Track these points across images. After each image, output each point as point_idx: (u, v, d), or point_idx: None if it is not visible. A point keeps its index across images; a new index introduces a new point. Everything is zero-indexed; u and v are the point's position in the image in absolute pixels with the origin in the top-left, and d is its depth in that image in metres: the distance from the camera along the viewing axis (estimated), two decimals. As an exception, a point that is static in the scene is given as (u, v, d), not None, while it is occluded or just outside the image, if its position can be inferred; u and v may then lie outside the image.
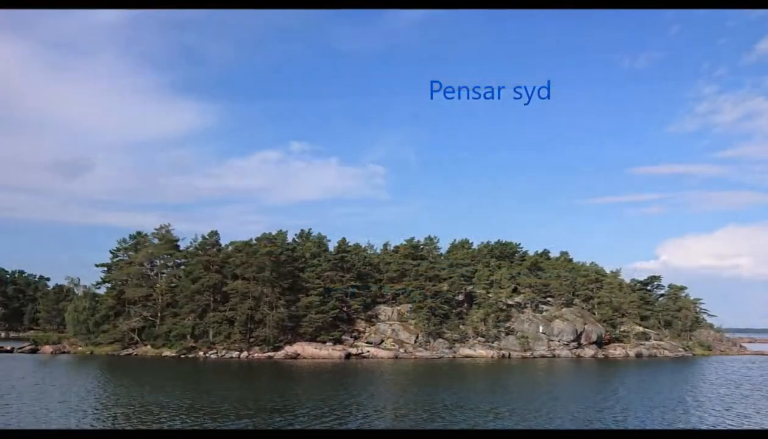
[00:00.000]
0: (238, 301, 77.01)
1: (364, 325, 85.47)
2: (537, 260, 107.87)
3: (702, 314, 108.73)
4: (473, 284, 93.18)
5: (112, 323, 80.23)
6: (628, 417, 32.65)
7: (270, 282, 77.13)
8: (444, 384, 47.72)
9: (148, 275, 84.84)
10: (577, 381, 53.84)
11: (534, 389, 45.63)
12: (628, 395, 42.74)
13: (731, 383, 52.43)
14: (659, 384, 50.43)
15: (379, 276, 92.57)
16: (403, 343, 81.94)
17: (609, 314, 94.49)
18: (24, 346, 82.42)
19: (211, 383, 46.59)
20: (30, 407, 32.72)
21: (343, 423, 29.58)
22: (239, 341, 75.49)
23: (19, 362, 63.99)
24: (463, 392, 43.02)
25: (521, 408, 35.23)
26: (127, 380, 47.31)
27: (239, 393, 40.58)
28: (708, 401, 40.22)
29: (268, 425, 28.84)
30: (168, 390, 40.82)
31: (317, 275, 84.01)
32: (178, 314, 78.85)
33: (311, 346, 75.84)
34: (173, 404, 34.30)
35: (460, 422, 30.03)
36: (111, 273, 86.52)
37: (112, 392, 40.09)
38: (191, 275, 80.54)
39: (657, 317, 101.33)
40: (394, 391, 43.77)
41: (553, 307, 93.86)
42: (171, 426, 27.96)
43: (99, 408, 33.29)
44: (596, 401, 39.23)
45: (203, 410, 32.59)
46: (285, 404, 35.49)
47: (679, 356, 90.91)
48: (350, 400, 37.54)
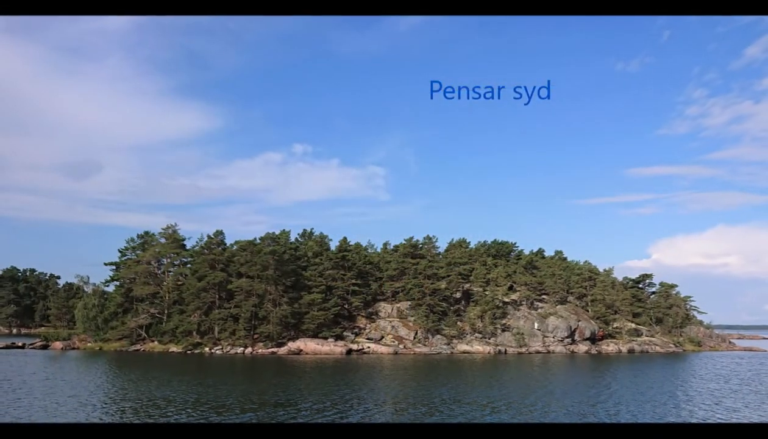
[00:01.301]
0: (242, 298, 77.02)
1: (364, 322, 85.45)
2: (532, 258, 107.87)
3: (692, 311, 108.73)
4: (470, 282, 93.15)
5: (121, 320, 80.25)
6: (621, 411, 32.63)
7: (273, 280, 77.13)
8: (442, 379, 47.68)
9: (155, 274, 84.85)
10: (571, 376, 53.78)
11: (529, 384, 45.59)
12: (620, 389, 42.71)
13: (720, 378, 52.39)
14: (651, 379, 50.39)
15: (379, 274, 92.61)
16: (402, 339, 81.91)
17: (602, 311, 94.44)
18: (35, 342, 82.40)
19: (216, 378, 46.54)
20: (41, 402, 32.71)
21: (345, 417, 29.57)
22: (244, 337, 75.49)
23: (31, 357, 63.97)
24: (461, 386, 42.99)
25: (517, 402, 35.22)
26: (135, 375, 47.28)
27: (244, 388, 40.56)
28: (698, 396, 40.19)
29: (272, 418, 28.83)
30: (175, 385, 40.82)
31: (319, 274, 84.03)
32: (185, 311, 78.83)
33: (313, 342, 75.81)
34: (180, 399, 34.30)
35: (458, 416, 30.01)
36: (119, 271, 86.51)
37: (121, 387, 40.07)
38: (197, 273, 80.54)
39: (648, 314, 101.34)
40: (394, 386, 43.73)
41: (547, 304, 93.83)
42: (177, 420, 27.96)
43: (108, 402, 33.27)
44: (590, 395, 39.21)
45: (209, 404, 32.57)
46: (288, 398, 35.48)
47: (669, 352, 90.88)
48: (351, 394, 37.53)
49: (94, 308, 79.80)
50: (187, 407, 31.58)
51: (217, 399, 34.40)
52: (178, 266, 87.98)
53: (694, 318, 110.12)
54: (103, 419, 28.51)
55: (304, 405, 32.89)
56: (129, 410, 30.81)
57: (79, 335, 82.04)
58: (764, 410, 34.64)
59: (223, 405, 32.25)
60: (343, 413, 30.58)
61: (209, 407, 31.66)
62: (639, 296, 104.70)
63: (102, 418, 28.64)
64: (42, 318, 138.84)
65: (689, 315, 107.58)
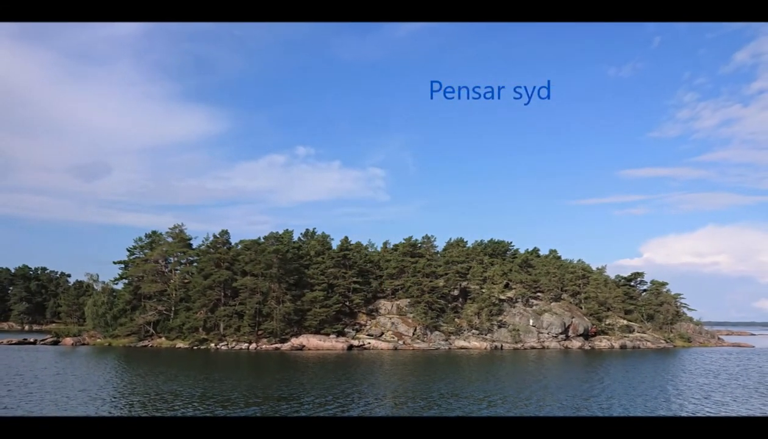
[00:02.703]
0: (247, 296, 77.01)
1: (365, 318, 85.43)
2: (527, 257, 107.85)
3: (682, 308, 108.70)
4: (468, 280, 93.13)
5: (129, 317, 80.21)
6: (613, 405, 32.63)
7: (277, 278, 77.11)
8: (440, 374, 47.66)
9: (162, 272, 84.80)
10: (565, 371, 53.75)
11: (525, 379, 45.58)
12: (613, 384, 42.71)
13: (710, 373, 52.37)
14: (642, 374, 50.38)
15: (379, 273, 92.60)
16: (401, 335, 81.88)
17: (595, 308, 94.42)
18: (46, 338, 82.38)
19: (221, 373, 46.53)
20: (52, 396, 32.72)
21: (346, 410, 29.57)
22: (248, 333, 75.49)
23: (42, 353, 63.96)
24: (458, 381, 42.98)
25: (513, 396, 35.22)
26: (143, 370, 47.26)
27: (248, 382, 40.54)
28: (688, 390, 40.19)
29: (275, 412, 28.83)
30: (181, 379, 40.80)
31: (321, 272, 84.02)
32: (191, 308, 78.80)
33: (316, 338, 75.78)
34: (186, 393, 34.29)
35: (455, 410, 30.01)
36: (128, 270, 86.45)
37: (129, 381, 40.06)
38: (203, 271, 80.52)
39: (640, 311, 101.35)
40: (394, 380, 43.72)
41: (542, 301, 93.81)
42: (184, 414, 27.96)
43: (117, 396, 33.26)
44: (583, 389, 39.20)
45: (214, 398, 32.56)
46: (291, 392, 35.47)
47: (660, 348, 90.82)
48: (352, 389, 37.52)
49: (104, 305, 79.73)
50: (194, 400, 31.58)
51: (222, 393, 34.40)
52: (184, 264, 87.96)
53: (684, 315, 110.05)
54: (112, 412, 28.51)
55: (307, 399, 32.88)
56: (137, 403, 30.81)
57: (88, 332, 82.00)
58: (752, 404, 34.64)
59: (228, 399, 32.24)
60: (345, 407, 30.58)
61: (215, 400, 31.66)
62: (631, 294, 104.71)
63: (111, 411, 28.64)
64: (53, 315, 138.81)
65: (679, 312, 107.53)
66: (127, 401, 31.81)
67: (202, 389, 36.29)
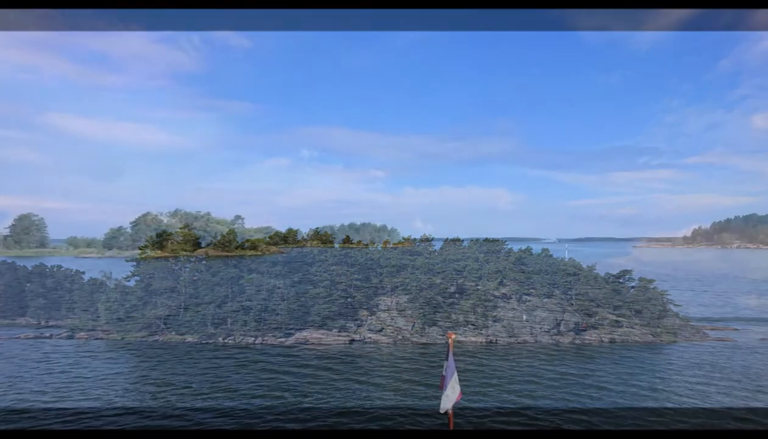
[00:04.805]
0: (253, 292, 77.11)
1: (366, 314, 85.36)
2: (521, 256, 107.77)
3: (669, 304, 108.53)
4: (464, 277, 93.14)
5: (141, 312, 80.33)
6: (603, 396, 32.65)
7: (282, 276, 77.19)
8: (437, 367, 47.67)
9: (172, 270, 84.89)
10: (557, 364, 53.72)
11: (519, 371, 45.59)
12: (603, 376, 42.71)
13: (694, 366, 52.40)
14: (631, 367, 50.38)
15: (379, 270, 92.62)
16: (401, 330, 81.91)
17: (585, 304, 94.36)
18: (61, 333, 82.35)
19: (229, 366, 46.50)
20: (69, 386, 32.74)
21: (348, 400, 29.59)
22: (254, 328, 75.53)
23: (57, 346, 63.94)
24: (455, 373, 42.94)
25: (507, 387, 35.22)
26: (154, 363, 47.27)
27: (254, 375, 40.55)
28: (674, 382, 40.20)
29: (281, 403, 28.83)
30: (190, 372, 40.81)
31: (324, 270, 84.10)
32: (200, 304, 78.93)
33: (319, 333, 75.83)
34: (195, 383, 34.30)
35: (452, 401, 29.97)
36: (140, 267, 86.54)
37: (141, 373, 40.06)
38: (211, 269, 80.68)
39: (628, 307, 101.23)
40: (393, 373, 43.72)
41: (535, 298, 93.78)
42: (193, 405, 27.97)
43: (129, 387, 33.28)
44: (574, 381, 39.21)
45: (222, 389, 32.56)
46: (296, 384, 35.48)
47: (648, 342, 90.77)
48: (353, 380, 37.52)
49: (116, 301, 79.96)
50: (202, 391, 31.59)
51: (229, 385, 34.42)
52: (193, 262, 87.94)
53: (671, 311, 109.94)
54: (124, 402, 28.54)
55: (311, 390, 32.89)
56: (148, 394, 30.83)
57: (102, 326, 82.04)
58: (735, 395, 34.67)
59: (236, 390, 32.27)
60: (347, 398, 30.59)
61: (223, 392, 31.68)
62: (619, 290, 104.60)
63: (124, 402, 28.66)
64: (68, 310, 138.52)
65: (666, 308, 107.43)
66: (140, 390, 31.76)
67: (210, 381, 36.23)
